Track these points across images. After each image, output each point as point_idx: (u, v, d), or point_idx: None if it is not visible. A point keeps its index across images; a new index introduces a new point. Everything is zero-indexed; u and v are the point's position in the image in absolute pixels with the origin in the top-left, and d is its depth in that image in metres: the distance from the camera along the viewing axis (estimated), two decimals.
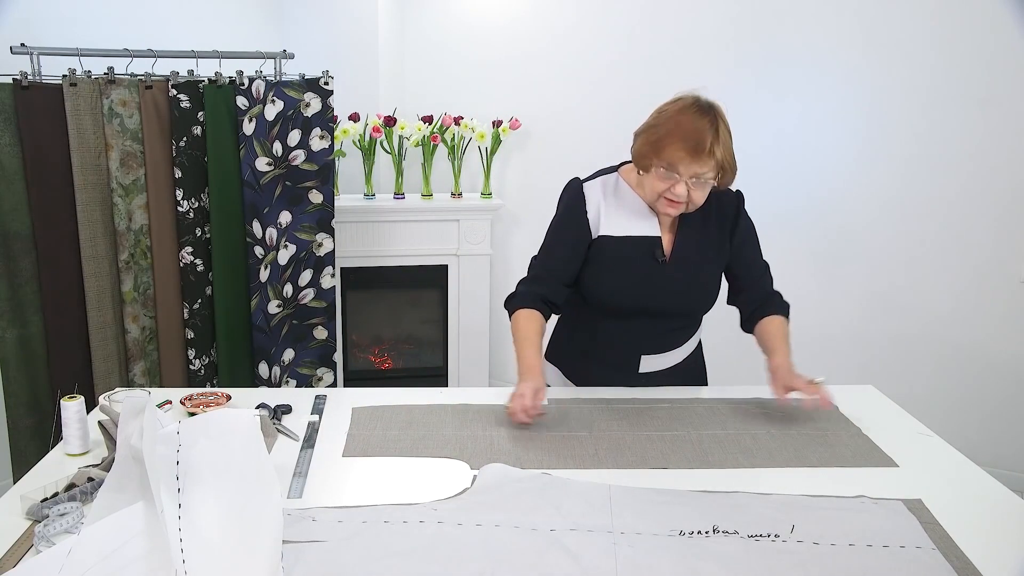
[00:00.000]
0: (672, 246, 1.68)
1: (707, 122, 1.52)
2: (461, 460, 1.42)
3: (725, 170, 1.58)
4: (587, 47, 3.41)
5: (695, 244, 1.69)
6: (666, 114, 1.57)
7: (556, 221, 1.73)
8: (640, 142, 1.60)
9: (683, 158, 1.53)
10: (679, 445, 1.49)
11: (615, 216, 1.67)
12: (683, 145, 1.52)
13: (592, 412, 1.62)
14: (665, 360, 1.75)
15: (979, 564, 1.10)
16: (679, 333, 1.76)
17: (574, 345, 1.81)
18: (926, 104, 2.97)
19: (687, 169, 1.54)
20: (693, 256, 1.68)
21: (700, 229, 1.69)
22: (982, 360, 3.03)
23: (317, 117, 2.62)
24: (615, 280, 1.66)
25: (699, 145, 1.51)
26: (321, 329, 2.80)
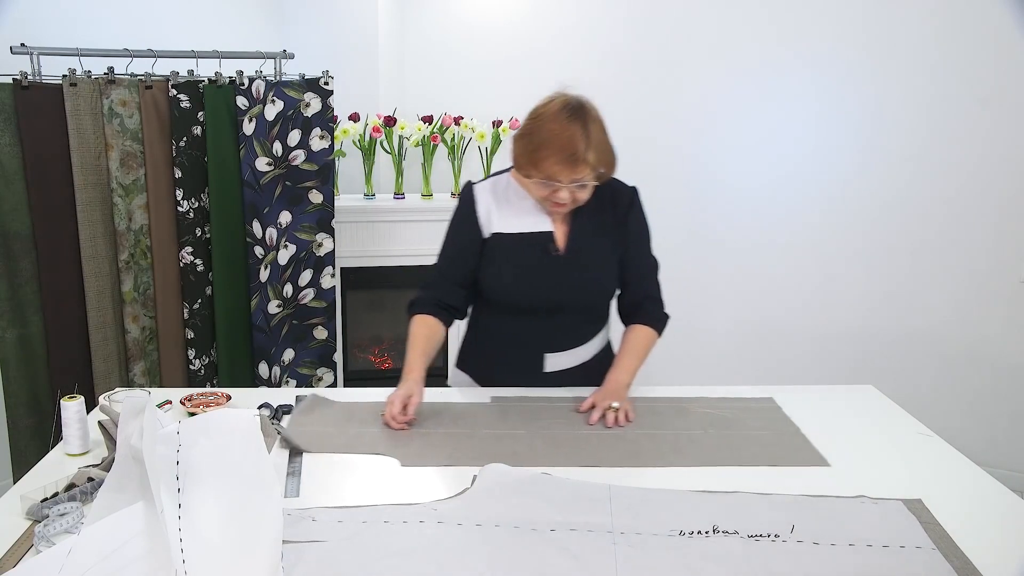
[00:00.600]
0: (566, 239, 1.68)
1: (578, 128, 1.52)
2: (392, 457, 1.42)
3: (604, 167, 1.59)
4: (587, 47, 3.41)
5: (589, 236, 1.69)
6: (538, 121, 1.55)
7: (450, 225, 1.75)
8: (517, 151, 1.60)
9: (560, 170, 1.53)
10: (614, 443, 1.49)
11: (507, 214, 1.69)
12: (558, 158, 1.52)
13: (533, 410, 1.62)
14: (570, 358, 1.74)
15: (979, 564, 1.10)
16: (581, 330, 1.75)
17: (480, 349, 1.82)
18: (927, 104, 2.98)
19: (566, 177, 1.54)
20: (587, 248, 1.68)
21: (594, 221, 1.69)
22: (982, 360, 3.03)
23: (317, 117, 2.62)
24: (510, 276, 1.68)
25: (573, 155, 1.52)
26: (321, 329, 2.80)
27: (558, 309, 1.69)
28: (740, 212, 3.34)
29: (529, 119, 1.58)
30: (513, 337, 1.73)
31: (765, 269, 3.34)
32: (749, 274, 3.37)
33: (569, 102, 1.56)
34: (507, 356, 1.76)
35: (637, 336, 1.73)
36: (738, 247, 3.37)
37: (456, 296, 1.74)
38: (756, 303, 3.39)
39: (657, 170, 3.37)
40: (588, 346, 1.76)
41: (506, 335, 1.74)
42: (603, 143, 1.57)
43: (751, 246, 3.35)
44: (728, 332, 3.40)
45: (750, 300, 3.38)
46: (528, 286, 1.67)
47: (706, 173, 3.36)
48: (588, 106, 1.57)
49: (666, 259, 1.82)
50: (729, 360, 3.43)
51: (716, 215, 3.37)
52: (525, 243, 1.67)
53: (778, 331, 3.35)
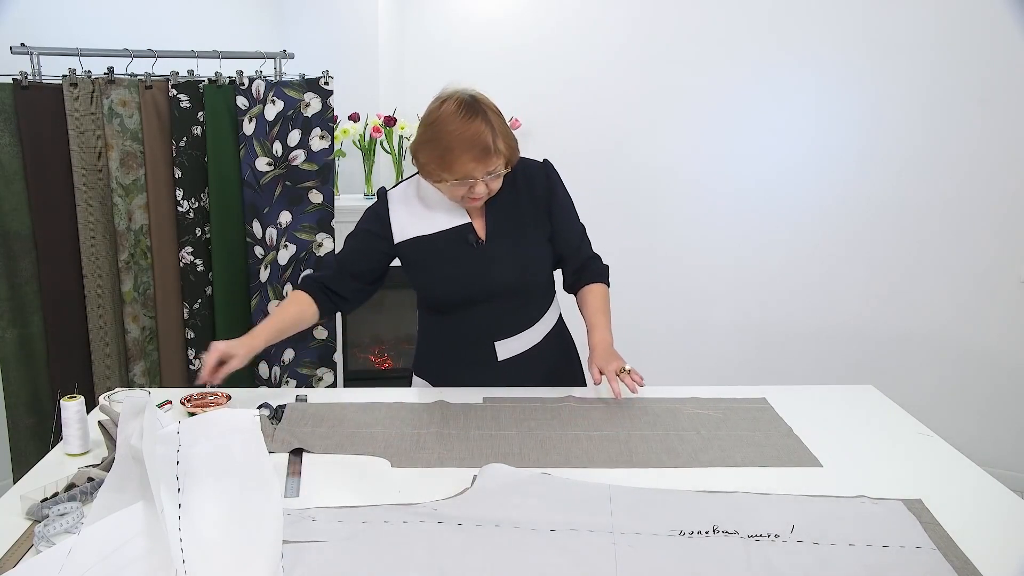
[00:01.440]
0: (485, 228, 1.69)
1: (481, 122, 1.53)
2: (384, 458, 1.42)
3: (512, 153, 1.60)
4: (587, 47, 3.41)
5: (508, 220, 1.70)
6: (437, 126, 1.55)
7: (359, 221, 1.76)
8: (424, 160, 1.59)
9: (475, 167, 1.54)
10: (607, 444, 1.49)
11: (422, 216, 1.70)
12: (470, 155, 1.53)
13: (525, 411, 1.63)
14: (521, 342, 1.74)
15: (979, 564, 1.10)
16: (525, 312, 1.75)
17: (433, 350, 1.83)
18: (926, 104, 2.98)
19: (481, 172, 1.56)
20: (509, 231, 1.69)
21: (510, 204, 1.70)
22: (982, 360, 3.03)
23: (317, 117, 2.62)
24: (439, 275, 1.69)
25: (486, 150, 1.53)
26: (321, 329, 2.80)
27: (495, 297, 1.69)
28: (740, 212, 3.34)
29: (426, 127, 1.58)
30: (460, 333, 1.74)
31: (765, 269, 3.34)
32: (749, 274, 3.37)
33: (463, 100, 1.56)
34: (459, 353, 1.76)
35: (595, 295, 1.75)
36: (738, 247, 3.37)
37: (345, 286, 1.74)
38: (756, 303, 3.39)
39: (656, 170, 3.38)
40: (537, 327, 1.76)
41: (453, 332, 1.76)
42: (505, 130, 1.58)
43: (751, 246, 3.35)
44: (728, 332, 3.40)
45: (750, 300, 3.38)
46: (459, 280, 1.68)
47: (706, 172, 3.36)
48: (480, 98, 1.58)
49: (666, 259, 1.83)
50: (729, 360, 3.43)
51: (716, 215, 3.37)
52: (446, 240, 1.69)
53: (778, 331, 3.35)
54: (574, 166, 2.14)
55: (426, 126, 1.58)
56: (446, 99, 1.57)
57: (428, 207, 1.70)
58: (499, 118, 1.58)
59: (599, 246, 1.83)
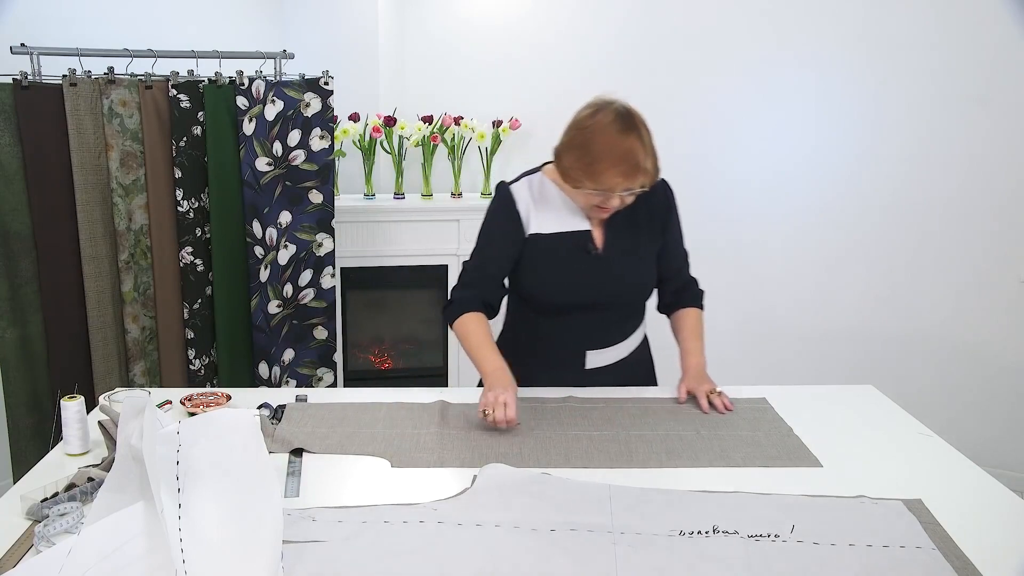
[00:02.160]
0: (603, 238, 1.69)
1: (635, 139, 1.52)
2: (384, 458, 1.42)
3: (656, 171, 1.59)
4: (587, 47, 3.41)
5: (626, 234, 1.70)
6: (590, 133, 1.54)
7: (486, 224, 1.73)
8: (569, 163, 1.57)
9: (620, 181, 1.53)
10: (606, 444, 1.49)
11: (544, 214, 1.68)
12: (619, 169, 1.52)
13: (525, 411, 1.62)
14: (611, 355, 1.75)
15: (979, 564, 1.10)
16: (621, 326, 1.76)
17: (519, 348, 1.80)
18: (926, 104, 2.98)
19: (623, 187, 1.55)
20: (625, 246, 1.69)
21: (629, 220, 1.70)
22: (982, 360, 3.03)
23: (317, 117, 2.62)
24: (551, 276, 1.68)
25: (635, 167, 1.52)
26: (321, 329, 2.80)
27: (598, 307, 1.70)
28: (740, 212, 3.34)
29: (578, 130, 1.56)
30: (554, 336, 1.73)
31: (765, 269, 3.34)
32: (749, 274, 3.37)
33: (619, 112, 1.54)
34: (548, 355, 1.75)
35: (692, 319, 1.78)
36: (738, 247, 3.37)
37: (496, 294, 1.72)
38: (756, 303, 3.38)
39: None
40: (628, 342, 1.77)
41: (547, 334, 1.74)
42: (654, 150, 1.57)
43: (751, 246, 3.35)
44: (728, 332, 3.40)
45: (750, 300, 3.38)
46: (569, 286, 1.67)
47: (705, 173, 3.36)
48: (635, 114, 1.57)
49: None
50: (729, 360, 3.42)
51: (715, 214, 3.37)
52: (564, 243, 1.67)
53: (778, 331, 3.35)
54: None
55: (577, 131, 1.56)
56: (601, 108, 1.55)
57: (549, 207, 1.69)
58: (650, 137, 1.56)
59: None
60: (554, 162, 1.63)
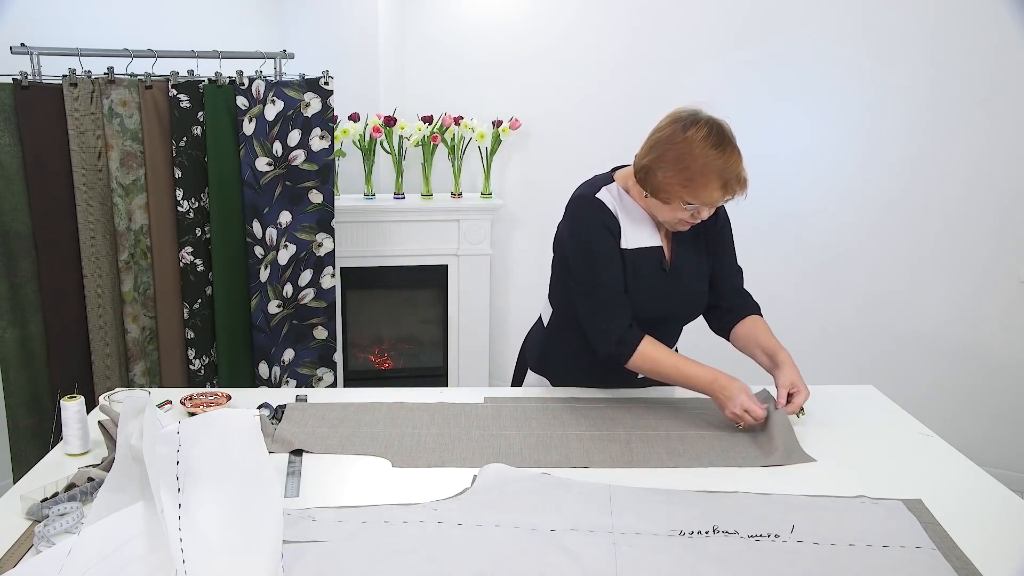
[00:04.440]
0: (671, 254, 1.69)
1: (732, 152, 1.52)
2: (384, 458, 1.42)
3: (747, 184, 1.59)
4: (587, 47, 3.41)
5: (691, 250, 1.71)
6: (686, 147, 1.50)
7: (590, 241, 1.63)
8: (664, 179, 1.53)
9: (719, 196, 1.54)
10: (607, 444, 1.49)
11: (628, 227, 1.65)
12: (719, 185, 1.52)
13: (525, 412, 1.63)
14: None
15: (979, 564, 1.10)
16: (673, 338, 1.80)
17: (569, 355, 1.78)
18: (926, 104, 2.98)
19: (721, 200, 1.56)
20: (690, 263, 1.70)
21: (691, 236, 1.71)
22: (982, 360, 3.03)
23: (317, 117, 2.62)
24: (633, 291, 1.64)
25: (737, 180, 1.53)
26: (321, 329, 2.80)
27: (662, 320, 1.70)
28: (740, 211, 3.33)
29: (670, 146, 1.53)
30: None
31: (764, 269, 3.34)
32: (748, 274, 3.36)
33: (713, 126, 1.53)
34: (601, 364, 1.68)
35: (764, 323, 1.79)
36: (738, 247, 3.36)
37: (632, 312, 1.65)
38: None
39: None
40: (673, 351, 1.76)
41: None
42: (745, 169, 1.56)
43: (751, 246, 3.34)
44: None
45: None
46: (647, 302, 1.65)
47: None
48: (727, 128, 1.55)
49: None
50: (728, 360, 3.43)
51: None
52: (643, 258, 1.65)
53: (778, 331, 3.33)
54: (574, 166, 2.14)
55: (670, 146, 1.53)
56: (693, 122, 1.53)
57: (631, 220, 1.66)
58: (739, 151, 1.56)
59: None
60: (639, 178, 1.59)
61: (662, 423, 1.58)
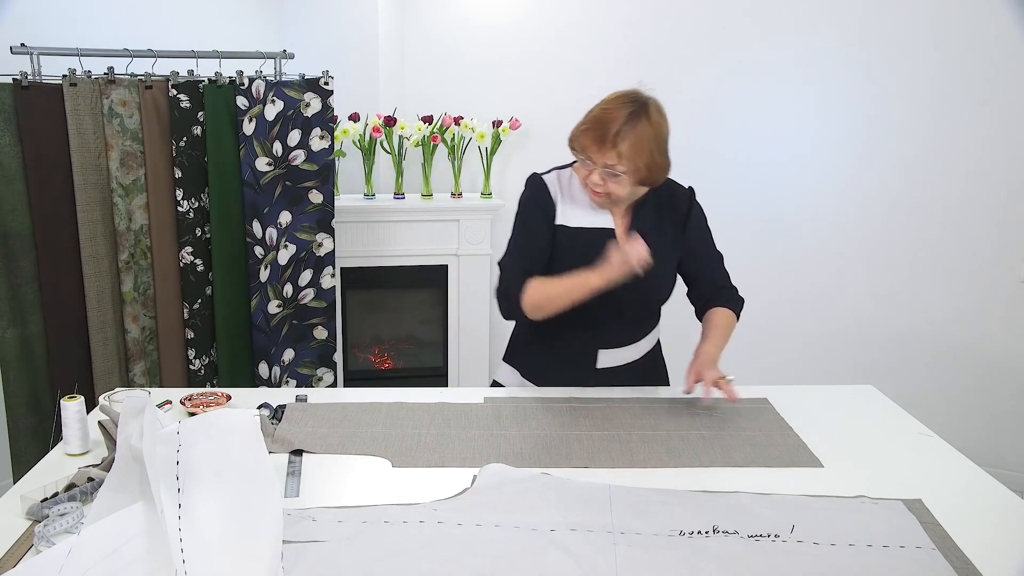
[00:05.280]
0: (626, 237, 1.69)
1: (624, 114, 1.53)
2: (384, 458, 1.42)
3: (640, 168, 1.56)
4: (587, 47, 3.41)
5: (649, 235, 1.68)
6: (601, 101, 1.58)
7: (522, 216, 1.73)
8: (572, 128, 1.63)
9: (589, 146, 1.56)
10: (607, 444, 1.49)
11: (570, 208, 1.70)
12: (592, 134, 1.55)
13: (525, 412, 1.63)
14: (623, 355, 1.75)
15: (979, 564, 1.10)
16: (636, 327, 1.77)
17: (533, 343, 1.81)
18: (926, 104, 2.98)
19: (598, 158, 1.56)
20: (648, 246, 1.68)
21: (653, 222, 1.71)
22: (982, 360, 3.03)
23: (317, 117, 2.62)
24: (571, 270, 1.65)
25: (603, 135, 1.54)
26: (321, 329, 2.80)
27: (615, 305, 1.69)
28: (740, 212, 3.34)
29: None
30: (569, 333, 1.73)
31: (764, 269, 3.34)
32: (748, 274, 3.35)
33: (638, 95, 1.57)
34: (561, 352, 1.75)
35: (719, 316, 1.75)
36: (738, 247, 3.35)
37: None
38: (756, 303, 3.37)
39: None
40: (640, 344, 1.77)
41: (562, 331, 1.73)
42: (644, 144, 1.55)
43: (751, 246, 3.35)
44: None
45: (750, 300, 3.36)
46: None
47: (705, 172, 3.35)
48: (652, 107, 1.57)
49: None
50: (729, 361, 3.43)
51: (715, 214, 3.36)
52: (587, 238, 1.67)
53: (778, 331, 3.35)
54: None
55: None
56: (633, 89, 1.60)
57: (576, 201, 1.70)
58: (649, 132, 1.54)
59: None
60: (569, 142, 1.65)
61: (662, 423, 1.58)
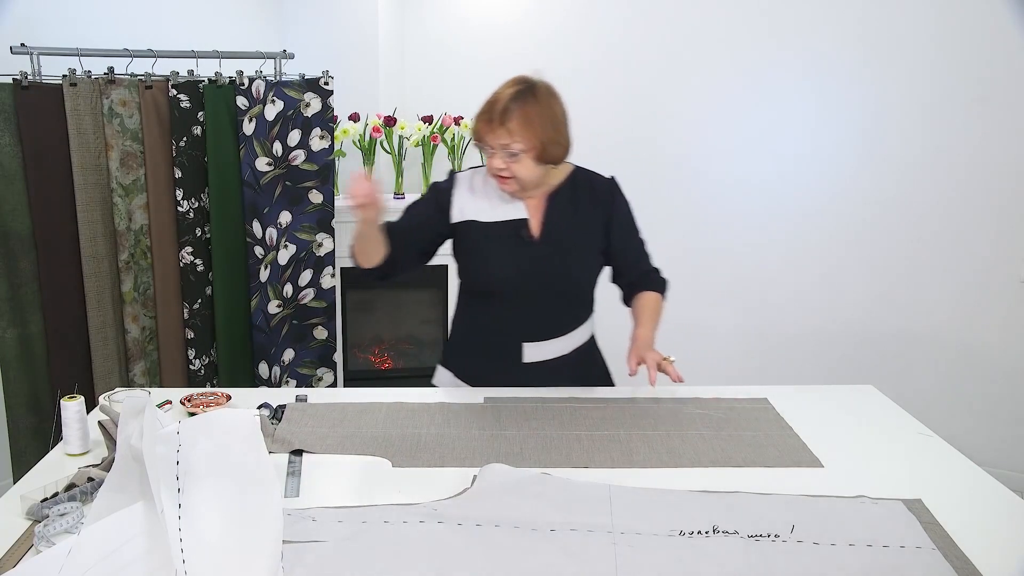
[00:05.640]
0: (540, 226, 1.70)
1: (511, 93, 1.58)
2: (384, 458, 1.42)
3: (536, 145, 1.58)
4: (587, 47, 3.41)
5: (565, 224, 1.71)
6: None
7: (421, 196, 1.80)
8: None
9: (482, 129, 1.59)
10: (607, 444, 1.49)
11: (483, 203, 1.71)
12: (483, 117, 1.60)
13: (526, 412, 1.63)
14: (550, 349, 1.74)
15: (979, 564, 1.10)
16: (560, 319, 1.75)
17: (461, 342, 1.83)
18: (926, 104, 2.98)
19: (492, 140, 1.58)
20: (563, 235, 1.70)
21: (570, 210, 1.71)
22: (982, 360, 3.03)
23: (317, 117, 2.62)
24: (484, 261, 1.70)
25: (491, 115, 1.57)
26: (321, 329, 2.80)
27: (533, 296, 1.70)
28: (740, 212, 3.34)
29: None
30: (493, 328, 1.74)
31: (765, 269, 3.34)
32: (749, 275, 3.37)
33: (526, 78, 1.63)
34: (486, 347, 1.76)
35: (649, 300, 1.75)
36: (739, 248, 3.37)
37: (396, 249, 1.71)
38: (756, 303, 3.38)
39: (656, 169, 3.37)
40: (568, 338, 1.75)
41: (485, 325, 1.76)
42: (533, 120, 1.57)
43: (752, 247, 3.35)
44: (727, 332, 3.40)
45: (750, 300, 3.38)
46: (500, 271, 1.68)
47: (705, 172, 3.36)
48: (541, 88, 1.62)
49: (665, 259, 1.83)
50: (729, 361, 3.43)
51: (715, 214, 3.37)
52: (499, 230, 1.70)
53: (778, 331, 3.35)
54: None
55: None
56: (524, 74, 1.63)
57: (489, 196, 1.72)
58: (539, 111, 1.58)
59: None
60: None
61: (662, 423, 1.58)
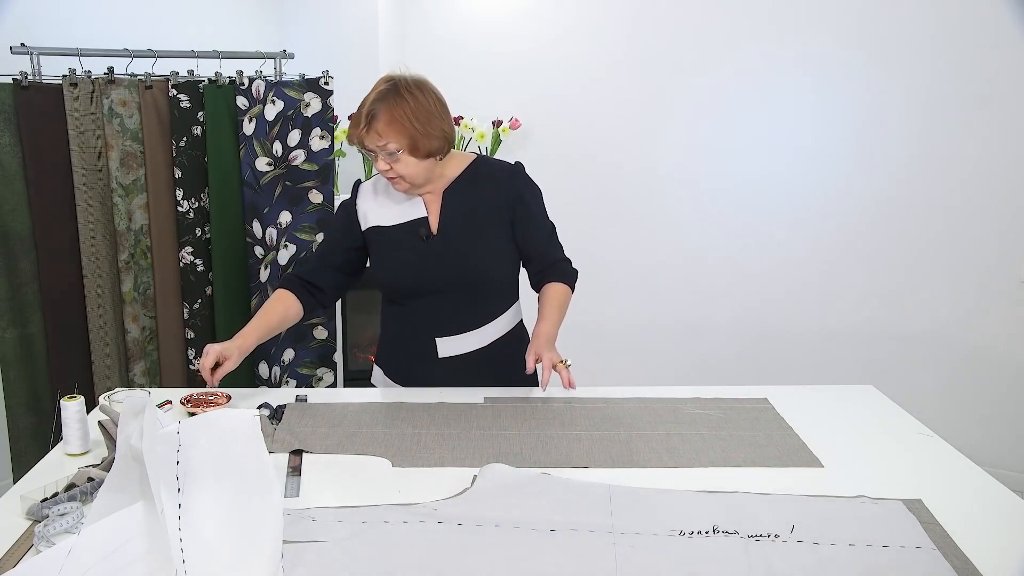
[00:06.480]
0: (439, 223, 1.71)
1: (375, 94, 1.59)
2: (384, 458, 1.43)
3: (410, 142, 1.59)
4: (587, 47, 3.41)
5: (462, 217, 1.71)
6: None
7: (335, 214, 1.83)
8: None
9: (352, 132, 1.61)
10: (607, 444, 1.49)
11: (386, 207, 1.74)
12: (353, 121, 1.61)
13: (526, 412, 1.63)
14: (465, 343, 1.74)
15: (979, 564, 1.10)
16: (470, 312, 1.74)
17: (386, 341, 1.86)
18: (926, 104, 2.98)
19: (367, 143, 1.59)
20: (461, 228, 1.71)
21: (468, 202, 1.72)
22: (982, 360, 3.03)
23: (317, 117, 2.62)
24: (389, 263, 1.72)
25: (359, 119, 1.59)
26: (321, 329, 2.80)
27: (439, 291, 1.71)
28: (740, 212, 3.34)
29: None
30: (407, 325, 1.77)
31: (765, 269, 3.34)
32: (749, 274, 3.37)
33: (390, 76, 1.63)
34: (405, 345, 1.79)
35: (553, 292, 1.74)
36: (739, 248, 3.37)
37: (325, 277, 1.79)
38: (756, 304, 3.38)
39: (656, 169, 3.38)
40: (483, 331, 1.75)
41: (401, 324, 1.79)
42: (401, 118, 1.58)
43: (751, 247, 3.35)
44: (728, 332, 3.40)
45: (751, 301, 3.38)
46: (403, 269, 1.71)
47: (706, 173, 3.36)
48: (405, 84, 1.62)
49: (667, 259, 1.83)
50: (729, 361, 3.43)
51: (716, 215, 3.37)
52: (402, 232, 1.72)
53: (778, 332, 3.35)
54: (574, 166, 2.15)
55: None
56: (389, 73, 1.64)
57: (391, 199, 1.74)
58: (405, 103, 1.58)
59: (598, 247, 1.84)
60: None
61: (662, 423, 1.58)
